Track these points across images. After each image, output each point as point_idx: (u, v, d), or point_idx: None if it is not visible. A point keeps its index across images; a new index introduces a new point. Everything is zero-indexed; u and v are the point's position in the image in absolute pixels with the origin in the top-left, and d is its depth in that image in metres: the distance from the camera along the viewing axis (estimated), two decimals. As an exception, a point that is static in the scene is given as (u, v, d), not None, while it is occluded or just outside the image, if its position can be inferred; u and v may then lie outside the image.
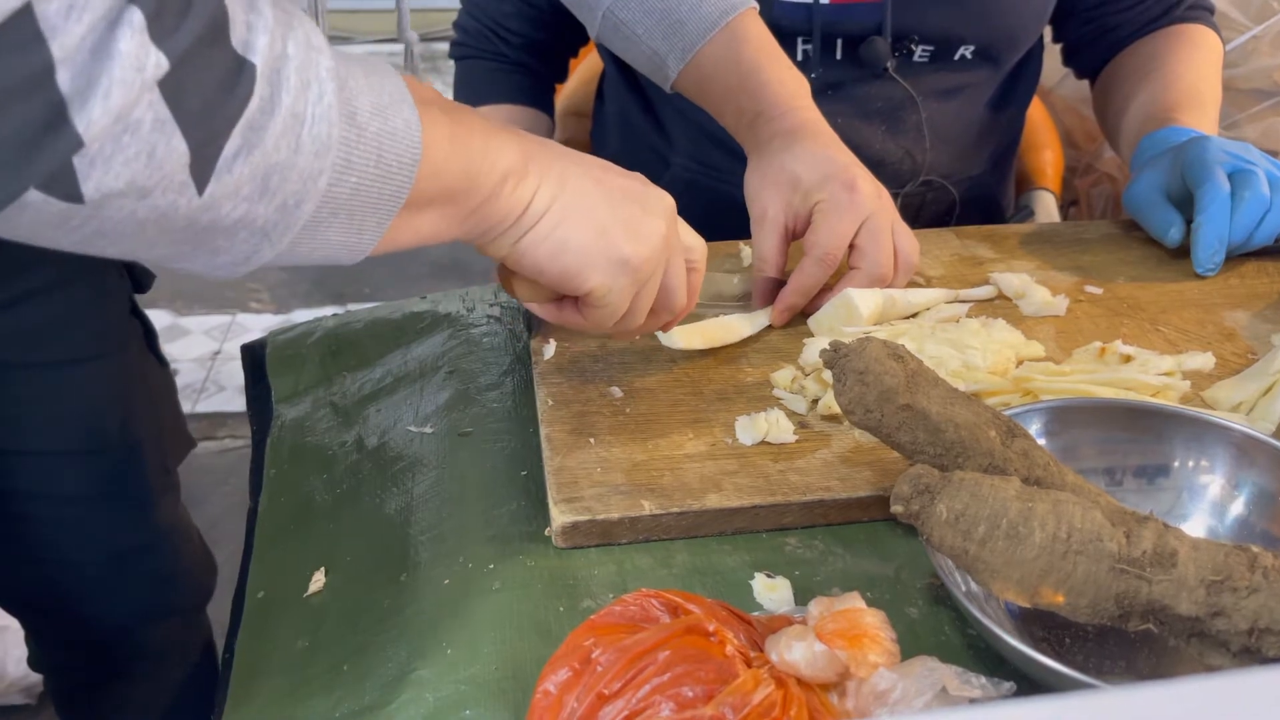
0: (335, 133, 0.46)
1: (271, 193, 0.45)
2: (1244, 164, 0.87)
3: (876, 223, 0.79)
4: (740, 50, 0.84)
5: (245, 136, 0.44)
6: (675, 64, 0.85)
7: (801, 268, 0.79)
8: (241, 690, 0.61)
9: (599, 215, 0.60)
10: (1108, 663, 0.58)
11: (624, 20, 0.85)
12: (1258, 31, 1.37)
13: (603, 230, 0.60)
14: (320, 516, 0.71)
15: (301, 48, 0.45)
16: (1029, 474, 0.58)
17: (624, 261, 0.61)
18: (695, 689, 0.49)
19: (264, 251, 0.48)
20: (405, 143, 0.50)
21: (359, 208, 0.49)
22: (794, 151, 0.81)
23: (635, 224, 0.61)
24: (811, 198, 0.79)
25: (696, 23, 0.84)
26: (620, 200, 0.61)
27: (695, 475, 0.67)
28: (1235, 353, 0.79)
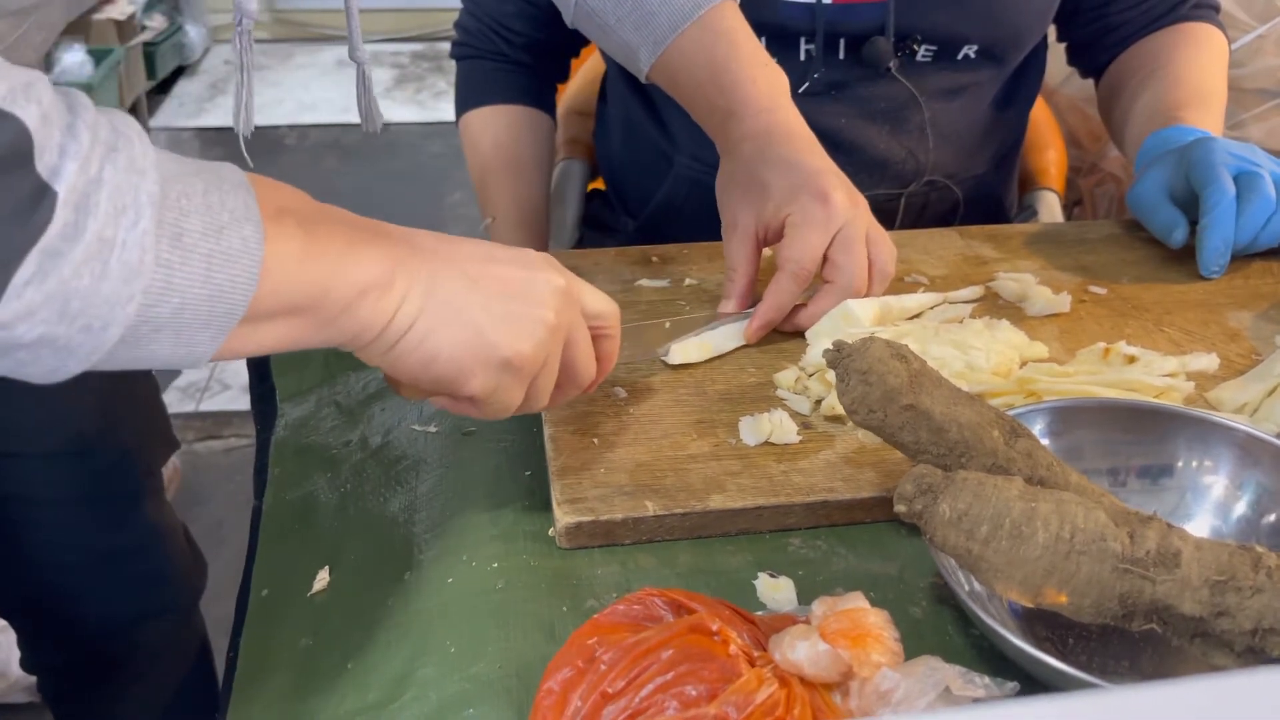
0: (149, 258, 0.46)
1: (72, 317, 0.45)
2: (1250, 166, 0.87)
3: (849, 233, 0.76)
4: (713, 45, 0.82)
5: (40, 263, 0.43)
6: (647, 56, 0.83)
7: (776, 283, 0.77)
8: (245, 688, 0.62)
9: (473, 318, 0.57)
10: (1111, 663, 0.58)
11: (596, 10, 0.84)
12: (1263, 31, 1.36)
13: (478, 333, 0.57)
14: (324, 515, 0.72)
15: (122, 172, 0.45)
16: (1032, 474, 0.58)
17: (504, 362, 0.58)
18: (699, 688, 0.49)
19: (71, 366, 0.47)
20: (241, 262, 0.49)
21: (186, 325, 0.48)
22: (766, 157, 0.79)
23: (515, 321, 0.58)
24: (783, 210, 0.77)
25: (668, 14, 0.82)
26: (497, 297, 0.58)
27: (699, 476, 0.67)
28: (1239, 354, 0.79)
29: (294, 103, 3.49)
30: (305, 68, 3.76)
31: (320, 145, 3.29)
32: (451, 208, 2.95)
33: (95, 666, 1.02)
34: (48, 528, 0.93)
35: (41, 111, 0.43)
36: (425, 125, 3.38)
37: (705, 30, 0.82)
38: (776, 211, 0.77)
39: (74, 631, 0.99)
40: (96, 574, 0.95)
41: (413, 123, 3.39)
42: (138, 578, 0.98)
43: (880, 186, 1.05)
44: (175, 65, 3.60)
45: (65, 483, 0.91)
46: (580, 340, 0.62)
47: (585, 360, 0.63)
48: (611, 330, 0.65)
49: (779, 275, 0.77)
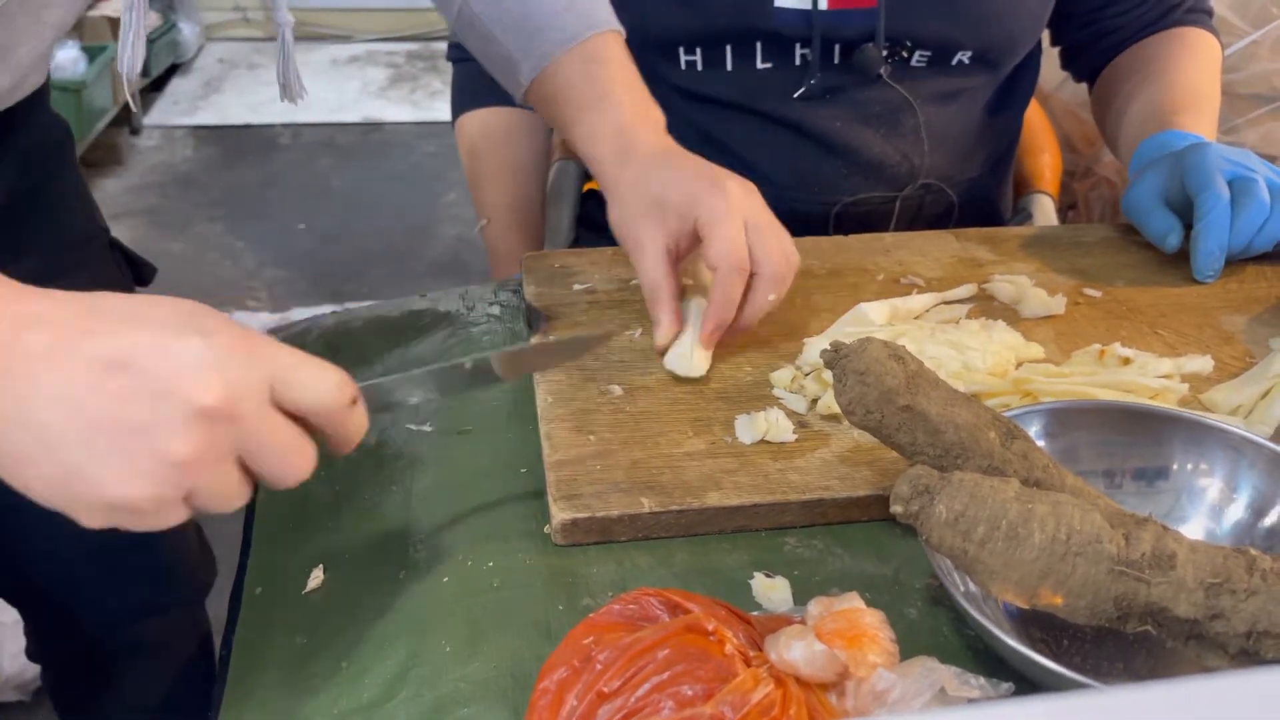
0: None
1: None
2: (1244, 171, 0.87)
3: (756, 222, 0.76)
4: (597, 70, 0.80)
5: None
6: (529, 71, 0.82)
7: (719, 282, 0.75)
8: (239, 687, 0.61)
9: (68, 456, 0.45)
10: (1105, 664, 0.58)
11: (480, 16, 0.82)
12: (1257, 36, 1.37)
13: (74, 472, 0.45)
14: (319, 513, 0.71)
15: None
16: (1028, 475, 0.59)
17: (111, 506, 0.46)
18: (694, 688, 0.49)
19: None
20: None
21: None
22: (654, 174, 0.77)
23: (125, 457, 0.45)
24: (689, 213, 0.75)
25: (555, 32, 0.80)
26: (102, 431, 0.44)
27: (695, 473, 0.67)
28: (1233, 356, 0.80)
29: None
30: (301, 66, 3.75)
31: (314, 144, 3.28)
32: (446, 208, 2.95)
33: (97, 657, 1.02)
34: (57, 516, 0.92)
35: None
36: (420, 125, 3.37)
37: (591, 55, 0.81)
38: (683, 218, 0.75)
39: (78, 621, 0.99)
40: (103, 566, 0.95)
41: (407, 122, 3.39)
42: (145, 571, 0.98)
43: (875, 189, 1.06)
44: (169, 63, 3.60)
45: None
46: (263, 445, 0.47)
47: (277, 464, 0.48)
48: (332, 421, 0.50)
49: (719, 274, 0.74)
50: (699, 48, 1.01)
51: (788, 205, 1.06)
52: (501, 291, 0.91)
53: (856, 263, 0.91)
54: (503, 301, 0.90)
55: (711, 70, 1.02)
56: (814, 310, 0.84)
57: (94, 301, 0.47)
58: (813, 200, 1.05)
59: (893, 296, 0.84)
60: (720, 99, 1.04)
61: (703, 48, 1.01)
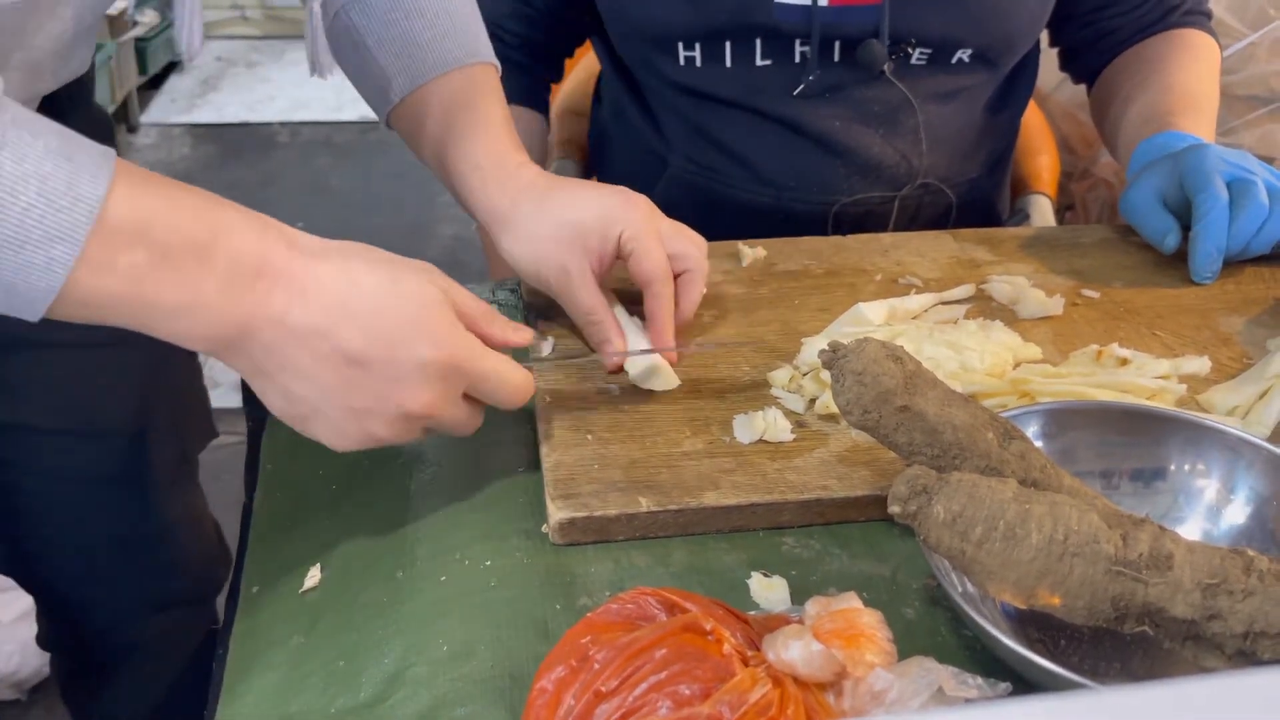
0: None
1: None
2: (1243, 173, 0.87)
3: (667, 226, 0.78)
4: (475, 97, 0.79)
5: None
6: (402, 88, 0.79)
7: (655, 295, 0.75)
8: (236, 686, 0.61)
9: (327, 417, 0.59)
10: (1102, 664, 0.58)
11: (357, 25, 0.79)
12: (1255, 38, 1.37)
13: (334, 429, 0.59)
14: (316, 512, 0.71)
15: None
16: (1026, 476, 0.59)
17: (368, 439, 0.60)
18: (692, 687, 0.49)
19: None
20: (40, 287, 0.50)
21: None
22: (555, 203, 0.76)
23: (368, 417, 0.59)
24: (611, 231, 0.75)
25: (438, 53, 0.79)
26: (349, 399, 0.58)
27: (693, 473, 0.67)
28: (1231, 357, 0.80)
29: (286, 100, 3.48)
30: (298, 64, 3.75)
31: (312, 143, 3.28)
32: (444, 207, 2.94)
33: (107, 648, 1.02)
34: (73, 506, 0.92)
35: None
36: (418, 124, 3.37)
37: (468, 80, 0.80)
38: (605, 238, 0.75)
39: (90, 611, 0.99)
40: (118, 557, 0.95)
41: (405, 121, 3.38)
42: (157, 565, 0.98)
43: (874, 189, 1.06)
44: (167, 61, 3.59)
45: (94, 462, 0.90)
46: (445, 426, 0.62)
47: (494, 389, 0.63)
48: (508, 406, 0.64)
49: (654, 288, 0.75)
50: (698, 44, 1.01)
51: (786, 205, 1.06)
52: (499, 290, 0.91)
53: (854, 263, 0.91)
54: (500, 300, 0.90)
55: (710, 66, 1.02)
56: (812, 310, 0.84)
57: (354, 277, 0.58)
58: (811, 200, 1.05)
59: (891, 297, 0.84)
60: (719, 96, 1.04)
61: (702, 44, 1.01)
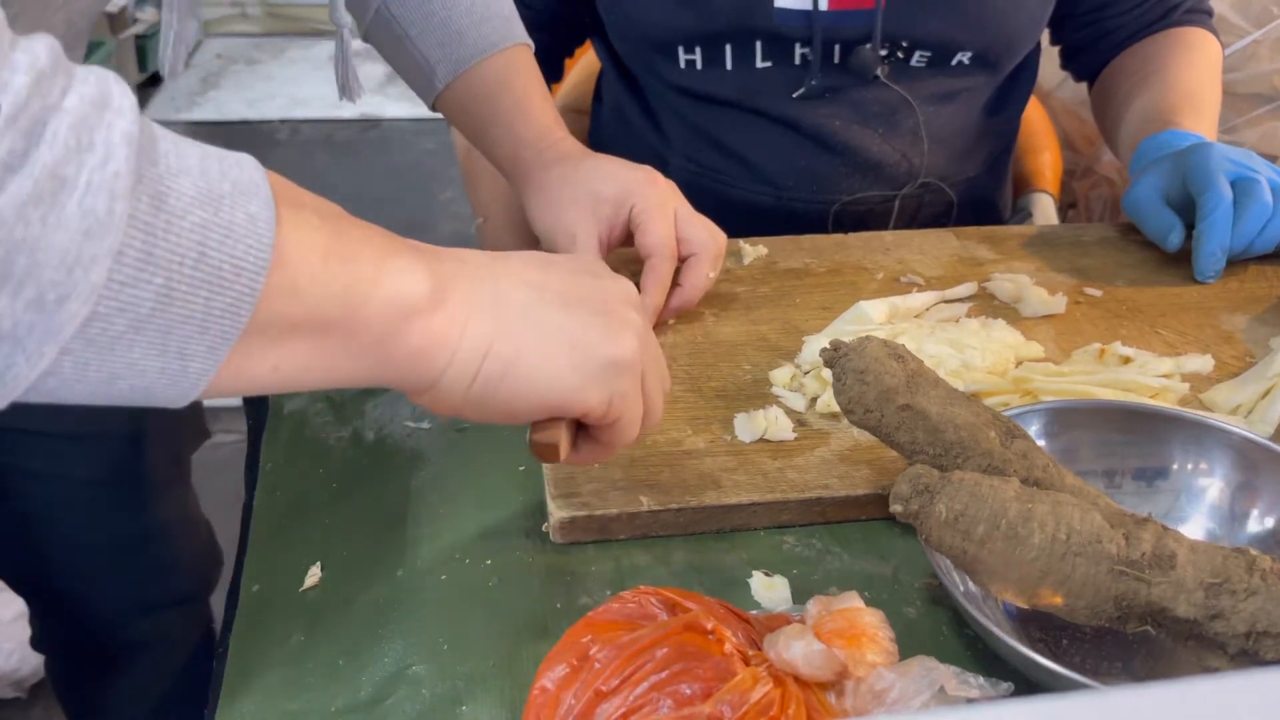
0: (121, 209, 0.35)
1: (17, 279, 0.34)
2: (1247, 172, 0.87)
3: (685, 210, 0.80)
4: (514, 78, 0.84)
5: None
6: (445, 74, 0.83)
7: (652, 268, 0.78)
8: (236, 685, 0.61)
9: (559, 328, 0.50)
10: (1105, 664, 0.58)
11: (397, 18, 0.84)
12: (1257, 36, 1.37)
13: (574, 344, 0.50)
14: (317, 511, 0.71)
15: (89, 105, 0.36)
16: (1028, 475, 0.58)
17: (617, 365, 0.51)
18: (693, 686, 0.49)
19: (19, 366, 0.35)
20: (246, 243, 0.39)
21: (175, 323, 0.37)
22: (580, 171, 0.80)
23: (605, 319, 0.51)
24: (625, 202, 0.78)
25: (477, 39, 0.82)
26: (576, 301, 0.51)
27: (694, 472, 0.67)
28: (1234, 356, 0.79)
29: (286, 97, 3.48)
30: (297, 62, 3.75)
31: (312, 141, 3.27)
32: (443, 205, 2.94)
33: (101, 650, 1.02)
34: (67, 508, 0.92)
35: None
36: (417, 122, 3.37)
37: (508, 63, 0.84)
38: (618, 208, 0.78)
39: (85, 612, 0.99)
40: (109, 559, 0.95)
41: (405, 119, 3.38)
42: (151, 566, 0.98)
43: (874, 189, 1.06)
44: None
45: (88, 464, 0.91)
46: (654, 341, 0.56)
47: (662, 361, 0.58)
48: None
49: (651, 261, 0.78)
50: (699, 47, 1.01)
51: (787, 204, 1.06)
52: (500, 289, 0.91)
53: (856, 261, 0.91)
54: (501, 299, 0.90)
55: (711, 69, 1.02)
56: (813, 308, 0.84)
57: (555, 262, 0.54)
58: (812, 199, 1.05)
59: (892, 295, 0.84)
60: (719, 98, 1.03)
61: (702, 47, 1.01)
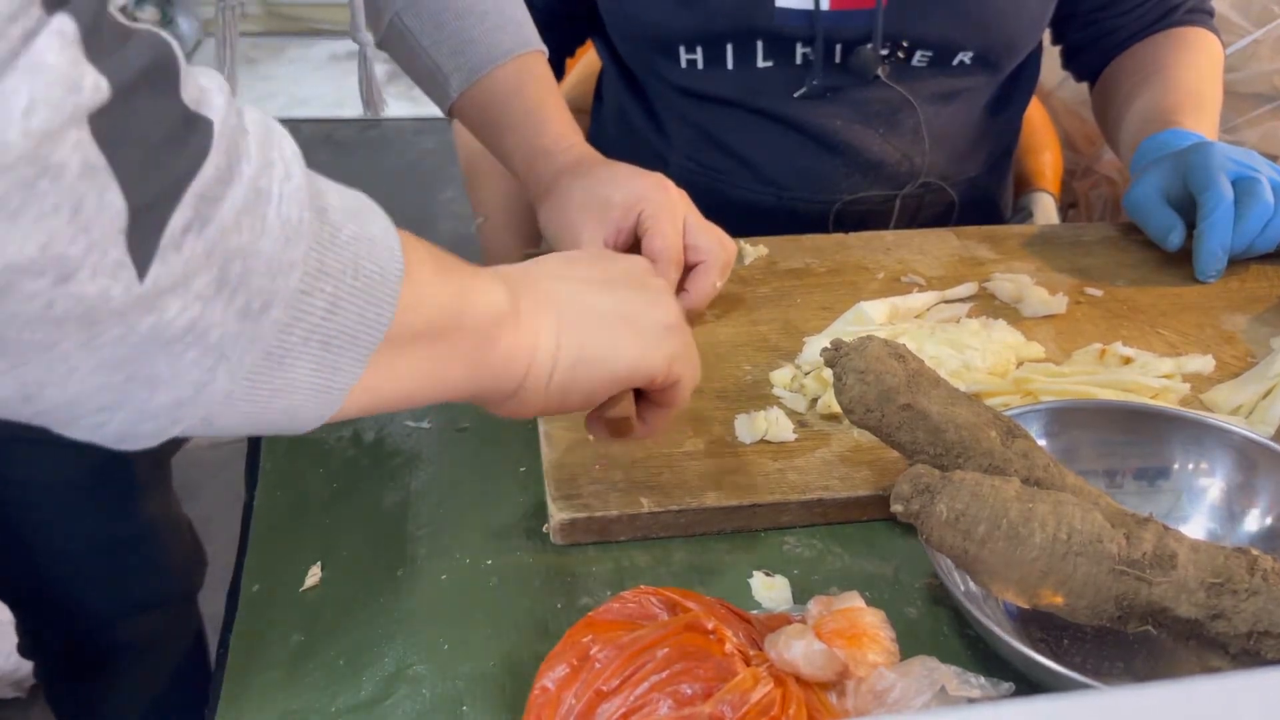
0: (307, 218, 0.38)
1: (232, 287, 0.36)
2: (1248, 171, 0.87)
3: (695, 219, 0.80)
4: (527, 84, 0.84)
5: (198, 207, 0.34)
6: (460, 83, 0.84)
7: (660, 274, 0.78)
8: (236, 684, 0.61)
9: (614, 311, 0.55)
10: (1105, 664, 0.58)
11: (410, 29, 0.84)
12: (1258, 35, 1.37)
13: (626, 319, 0.55)
14: (317, 511, 0.71)
15: (262, 126, 0.38)
16: (1029, 475, 0.58)
17: (667, 327, 0.56)
18: (694, 686, 0.49)
19: (217, 380, 0.38)
20: (386, 254, 0.42)
21: (335, 334, 0.40)
22: (591, 177, 0.81)
23: (643, 291, 0.57)
24: (633, 208, 0.78)
25: (486, 47, 0.83)
26: (618, 285, 0.56)
27: (694, 473, 0.67)
28: (1234, 356, 0.79)
29: (286, 96, 3.47)
30: (297, 61, 3.75)
31: (312, 140, 3.27)
32: (444, 204, 2.94)
33: (90, 654, 1.02)
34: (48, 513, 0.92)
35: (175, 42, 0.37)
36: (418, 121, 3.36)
37: (521, 71, 0.84)
38: (627, 213, 0.78)
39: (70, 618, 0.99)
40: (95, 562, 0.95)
41: (406, 118, 3.37)
42: (137, 568, 0.98)
43: (875, 188, 1.06)
44: (167, 58, 3.59)
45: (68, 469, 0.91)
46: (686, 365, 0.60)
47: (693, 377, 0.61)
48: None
49: (657, 266, 0.77)
50: (700, 47, 1.01)
51: (788, 204, 1.06)
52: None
53: (857, 261, 0.91)
54: (502, 298, 0.90)
55: (712, 69, 1.02)
56: (814, 309, 0.84)
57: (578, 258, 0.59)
58: (813, 199, 1.05)
59: (893, 295, 0.84)
60: (720, 98, 1.03)
61: (703, 47, 1.01)
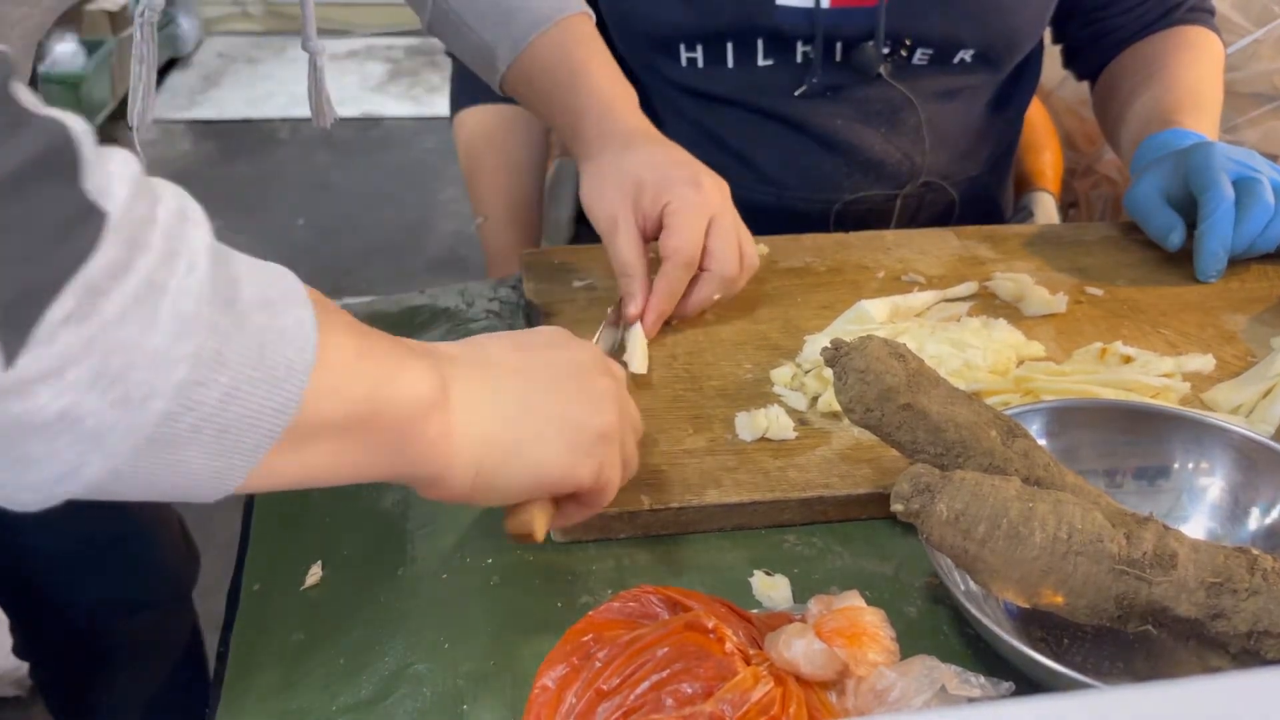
0: (205, 313, 0.38)
1: (110, 379, 0.36)
2: (1249, 171, 0.87)
3: (723, 222, 0.78)
4: (573, 49, 0.82)
5: (80, 299, 0.35)
6: (506, 55, 0.83)
7: (665, 273, 0.77)
8: (237, 684, 0.61)
9: (551, 411, 0.54)
10: (1105, 663, 0.58)
11: (454, 9, 0.84)
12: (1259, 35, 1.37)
13: (564, 424, 0.54)
14: (318, 510, 0.71)
15: (174, 215, 0.38)
16: (1029, 474, 0.58)
17: (603, 436, 0.55)
18: (694, 686, 0.49)
19: (92, 464, 0.38)
20: (296, 345, 0.41)
21: (232, 423, 0.40)
22: (632, 154, 0.79)
23: (587, 394, 0.55)
24: (661, 198, 0.77)
25: (528, 15, 0.82)
26: (564, 382, 0.55)
27: (694, 471, 0.67)
28: (1235, 355, 0.79)
29: (286, 96, 3.48)
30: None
31: (313, 139, 3.27)
32: (444, 204, 2.94)
33: (85, 654, 1.02)
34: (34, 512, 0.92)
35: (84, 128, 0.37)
36: (418, 120, 3.37)
37: (565, 35, 0.83)
38: (654, 202, 0.77)
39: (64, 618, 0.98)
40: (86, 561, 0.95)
41: (406, 118, 3.38)
42: (129, 567, 0.98)
43: (876, 187, 1.06)
44: (168, 57, 3.59)
45: None
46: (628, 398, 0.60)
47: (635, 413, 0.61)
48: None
49: (667, 265, 0.77)
50: (700, 45, 1.01)
51: (788, 203, 1.06)
52: (501, 288, 0.91)
53: (857, 260, 0.91)
54: (502, 298, 0.90)
55: (712, 68, 1.02)
56: (814, 307, 0.84)
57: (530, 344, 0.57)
58: (813, 198, 1.05)
59: (894, 294, 0.84)
60: (721, 96, 1.03)
61: (704, 45, 1.01)
